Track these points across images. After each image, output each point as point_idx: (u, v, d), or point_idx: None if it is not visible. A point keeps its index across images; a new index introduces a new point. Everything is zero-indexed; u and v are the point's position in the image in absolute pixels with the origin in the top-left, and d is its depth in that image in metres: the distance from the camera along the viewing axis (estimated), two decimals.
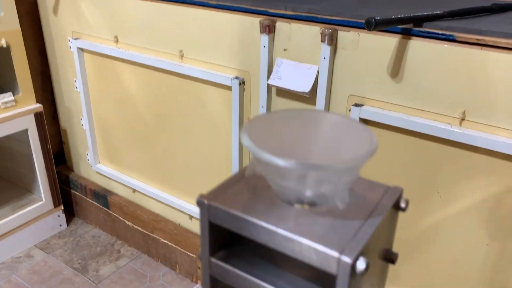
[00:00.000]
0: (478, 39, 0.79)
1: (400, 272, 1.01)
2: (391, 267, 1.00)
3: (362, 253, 0.30)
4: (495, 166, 0.82)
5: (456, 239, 0.91)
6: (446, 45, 0.81)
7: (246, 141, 0.31)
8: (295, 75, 0.99)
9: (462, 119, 0.83)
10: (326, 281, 0.34)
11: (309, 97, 0.99)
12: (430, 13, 0.85)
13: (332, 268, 0.31)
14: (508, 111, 0.78)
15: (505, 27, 0.81)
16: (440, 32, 0.82)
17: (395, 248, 0.99)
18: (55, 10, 1.48)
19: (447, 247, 0.93)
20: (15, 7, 1.37)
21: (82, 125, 1.59)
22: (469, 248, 0.90)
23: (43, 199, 1.59)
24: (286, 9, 0.99)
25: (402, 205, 0.36)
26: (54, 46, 1.56)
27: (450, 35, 0.81)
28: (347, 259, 0.29)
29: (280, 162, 0.30)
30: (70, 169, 1.78)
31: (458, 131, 0.82)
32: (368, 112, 0.91)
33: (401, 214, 0.95)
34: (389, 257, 0.37)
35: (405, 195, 0.93)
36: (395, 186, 0.36)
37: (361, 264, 0.30)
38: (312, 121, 0.36)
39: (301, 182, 0.32)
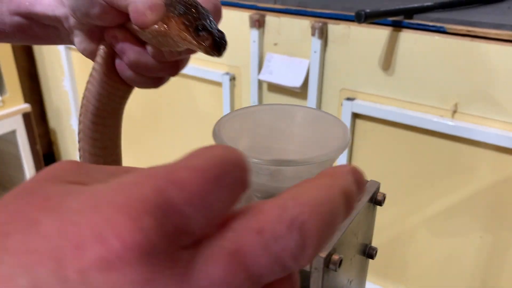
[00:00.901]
0: (468, 31, 0.78)
1: (393, 266, 1.00)
2: (383, 261, 0.99)
3: (335, 249, 0.29)
4: (487, 158, 0.81)
5: (449, 232, 0.90)
6: (437, 37, 0.80)
7: (218, 140, 0.30)
8: (286, 69, 0.97)
9: (454, 112, 0.82)
10: (302, 277, 0.33)
11: (301, 91, 0.98)
12: (420, 4, 0.84)
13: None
14: (500, 103, 0.77)
15: (496, 18, 0.79)
16: (430, 24, 0.81)
17: (388, 242, 0.98)
18: None
19: (441, 240, 0.92)
20: None
21: (72, 124, 1.57)
22: (463, 241, 0.89)
23: None
24: (275, 3, 0.98)
25: (379, 199, 0.35)
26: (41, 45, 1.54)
27: (441, 27, 0.80)
28: (320, 255, 0.28)
29: (253, 159, 0.29)
30: None
31: (451, 123, 0.81)
32: (360, 106, 0.90)
33: (394, 208, 0.93)
34: (368, 252, 0.36)
35: (398, 189, 0.92)
36: (372, 180, 0.35)
37: (334, 260, 0.29)
38: (286, 116, 0.35)
39: (275, 178, 0.30)
